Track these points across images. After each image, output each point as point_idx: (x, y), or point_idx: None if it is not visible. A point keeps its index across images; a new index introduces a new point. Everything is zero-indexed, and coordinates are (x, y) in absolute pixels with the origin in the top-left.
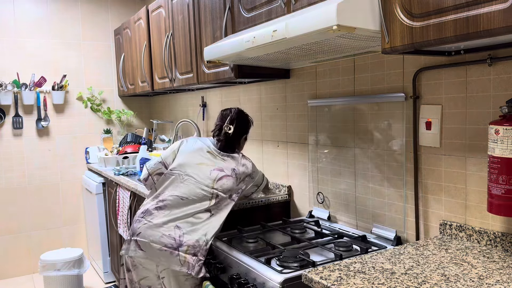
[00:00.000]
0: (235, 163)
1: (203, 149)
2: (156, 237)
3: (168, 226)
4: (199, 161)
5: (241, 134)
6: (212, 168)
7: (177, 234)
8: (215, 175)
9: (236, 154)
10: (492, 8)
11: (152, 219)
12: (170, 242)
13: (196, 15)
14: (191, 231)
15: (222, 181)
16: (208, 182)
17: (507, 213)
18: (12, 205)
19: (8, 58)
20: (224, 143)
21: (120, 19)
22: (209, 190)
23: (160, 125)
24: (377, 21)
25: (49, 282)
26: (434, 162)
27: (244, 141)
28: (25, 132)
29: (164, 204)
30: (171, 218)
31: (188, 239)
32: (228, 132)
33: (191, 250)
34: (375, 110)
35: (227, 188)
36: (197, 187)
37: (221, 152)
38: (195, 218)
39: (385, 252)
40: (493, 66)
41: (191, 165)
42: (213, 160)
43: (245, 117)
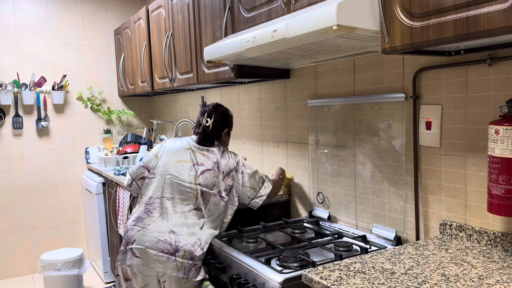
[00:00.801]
0: (215, 157)
1: (183, 147)
2: (152, 243)
3: (162, 231)
4: (179, 159)
5: (221, 128)
6: (191, 164)
7: (173, 239)
8: (196, 170)
9: (215, 148)
10: (492, 8)
11: (145, 225)
12: (167, 247)
13: (196, 15)
14: (187, 235)
15: (203, 176)
16: (191, 178)
17: (507, 213)
18: (12, 205)
19: (8, 58)
20: (202, 136)
21: (120, 19)
22: (192, 187)
23: (160, 125)
24: (377, 21)
25: (49, 282)
26: (434, 162)
27: (226, 136)
28: (25, 132)
29: (153, 207)
30: (163, 222)
31: (184, 244)
32: (206, 124)
33: (188, 255)
34: (375, 110)
35: (211, 182)
36: (180, 185)
37: (200, 147)
38: (188, 220)
39: (385, 252)
40: (493, 66)
41: (172, 164)
42: (193, 156)
43: (224, 110)
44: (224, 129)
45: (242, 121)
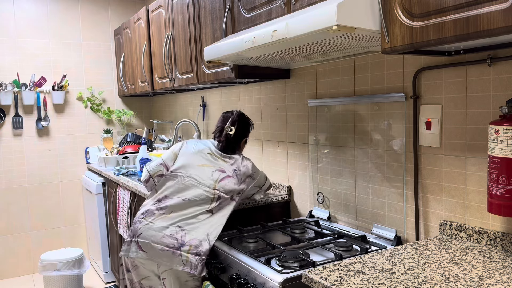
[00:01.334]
0: (236, 164)
1: (204, 151)
2: (158, 238)
3: (169, 226)
4: (201, 163)
5: (242, 136)
6: (213, 169)
7: (179, 234)
8: (217, 176)
9: (236, 156)
10: (492, 8)
11: (154, 220)
12: (172, 242)
13: (196, 15)
14: (193, 230)
15: (224, 182)
16: (210, 183)
17: (507, 213)
18: (12, 205)
19: (8, 58)
20: (225, 144)
21: (120, 19)
22: (211, 191)
23: (160, 125)
24: (377, 21)
25: (49, 282)
26: (434, 162)
27: (244, 144)
28: (25, 132)
29: (165, 205)
30: (173, 220)
31: (190, 239)
32: (230, 133)
33: (194, 250)
34: (375, 110)
35: (229, 189)
36: (200, 189)
37: (222, 154)
38: (196, 219)
39: (385, 252)
40: (493, 66)
41: (193, 167)
42: (214, 161)
43: (246, 120)
44: (244, 138)
45: None
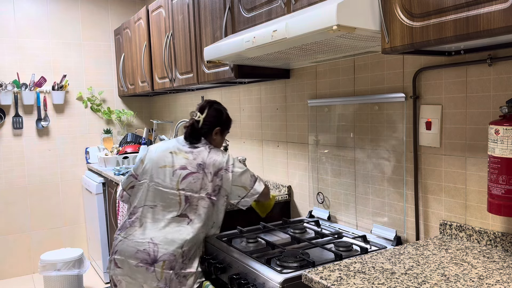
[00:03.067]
0: (200, 158)
1: (166, 151)
2: (132, 253)
3: (142, 241)
4: (161, 164)
5: (212, 125)
6: (174, 168)
7: (152, 249)
8: (178, 175)
9: (202, 147)
10: (492, 8)
11: (127, 235)
12: (145, 257)
13: (196, 15)
14: (167, 244)
15: (187, 180)
16: (173, 184)
17: (507, 213)
18: (12, 205)
19: (8, 58)
20: (190, 131)
21: (120, 19)
22: (175, 193)
23: (160, 125)
24: (377, 21)
25: (49, 282)
26: (434, 162)
27: (218, 135)
28: (25, 132)
29: (136, 217)
30: (145, 234)
31: (163, 253)
32: (196, 119)
33: (168, 265)
34: (375, 110)
35: (196, 185)
36: (163, 192)
37: (186, 148)
38: (170, 228)
39: (385, 252)
40: (493, 66)
41: (155, 170)
42: (175, 159)
43: (219, 107)
44: (216, 127)
45: (242, 121)
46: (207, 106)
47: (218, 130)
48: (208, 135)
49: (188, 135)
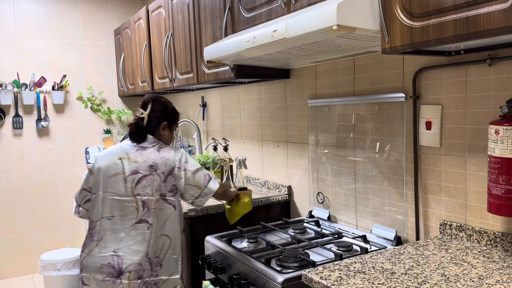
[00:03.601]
0: (151, 160)
1: (114, 158)
2: (96, 268)
3: (104, 254)
4: (112, 173)
5: (159, 120)
6: (126, 175)
7: (116, 261)
8: (131, 181)
9: (150, 147)
10: (492, 8)
11: (88, 251)
12: (110, 271)
13: (196, 15)
14: (131, 255)
15: (141, 184)
16: (128, 191)
17: (507, 213)
18: (12, 205)
19: (8, 58)
20: (134, 129)
21: (120, 19)
22: (131, 199)
23: None
24: (377, 21)
25: (49, 282)
26: (434, 162)
27: (166, 130)
28: (25, 132)
29: (94, 231)
30: (107, 248)
31: (128, 264)
32: (139, 116)
33: (134, 275)
34: (375, 110)
35: (151, 188)
36: (119, 201)
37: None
38: (131, 236)
39: (385, 252)
40: (493, 66)
41: (106, 180)
42: (125, 165)
43: (163, 101)
44: (163, 122)
45: (242, 121)
46: (150, 102)
47: (165, 125)
48: (155, 131)
49: (133, 134)
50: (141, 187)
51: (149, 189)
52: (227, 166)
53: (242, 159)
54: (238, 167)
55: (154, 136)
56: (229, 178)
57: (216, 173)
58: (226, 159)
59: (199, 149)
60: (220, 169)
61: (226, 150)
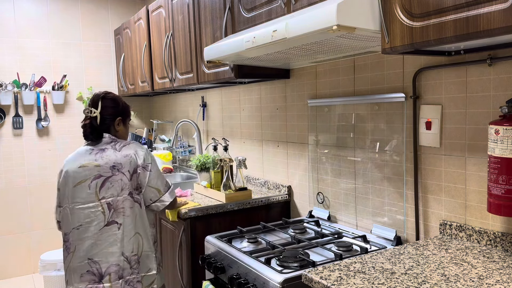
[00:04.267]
0: (113, 159)
1: (75, 167)
2: (78, 278)
3: (81, 264)
4: (76, 182)
5: (112, 117)
6: (89, 181)
7: (94, 267)
8: (95, 186)
9: (109, 148)
10: (492, 8)
11: (67, 264)
12: (92, 278)
13: (196, 15)
14: (106, 257)
15: (105, 186)
16: (92, 197)
17: (507, 213)
18: (12, 205)
19: (8, 58)
20: (89, 129)
21: (120, 19)
22: (96, 204)
23: (160, 125)
24: (377, 21)
25: (49, 282)
26: (434, 162)
27: (121, 126)
28: (25, 132)
29: (69, 243)
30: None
31: (106, 267)
32: (91, 116)
33: (115, 276)
34: (375, 110)
35: (116, 188)
36: (84, 209)
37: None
38: (101, 241)
39: (385, 252)
40: (493, 66)
41: (71, 191)
42: (87, 172)
43: (113, 96)
44: (116, 118)
45: (242, 121)
46: (99, 99)
47: (119, 120)
48: (110, 129)
49: (88, 134)
50: (105, 190)
51: (113, 190)
52: (227, 166)
53: (242, 159)
54: (238, 167)
55: (110, 133)
56: (229, 178)
57: (216, 173)
58: (226, 159)
59: (199, 149)
60: (220, 169)
61: (226, 150)
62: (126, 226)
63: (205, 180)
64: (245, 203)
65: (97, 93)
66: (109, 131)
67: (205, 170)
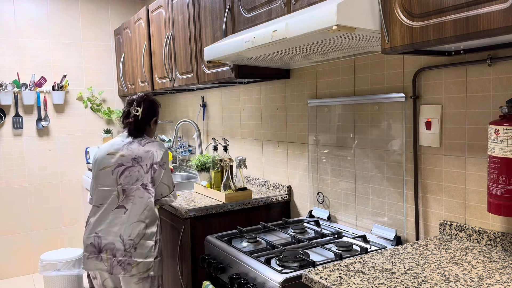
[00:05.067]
0: (135, 152)
1: (105, 153)
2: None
3: (90, 235)
4: (102, 166)
5: (150, 116)
6: (112, 168)
7: (96, 241)
8: (116, 173)
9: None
10: (492, 8)
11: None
12: (93, 250)
13: (196, 15)
14: (107, 234)
15: (124, 175)
16: (112, 182)
17: (507, 213)
18: (12, 205)
19: (8, 58)
20: (133, 126)
21: (120, 19)
22: (114, 188)
23: (160, 125)
24: (377, 21)
25: (49, 282)
26: (434, 162)
27: (154, 125)
28: (25, 132)
29: (89, 220)
30: (90, 230)
31: (105, 244)
32: (136, 114)
33: (110, 253)
34: (375, 110)
35: (132, 178)
36: (105, 191)
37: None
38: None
39: (385, 252)
40: (493, 66)
41: (98, 174)
42: (112, 160)
43: (152, 99)
44: (153, 117)
45: (242, 121)
46: (141, 101)
47: (154, 120)
48: (145, 127)
49: (132, 130)
50: (123, 177)
51: (130, 179)
52: (227, 166)
53: (242, 159)
54: (238, 167)
55: (145, 131)
56: (229, 178)
57: (216, 173)
58: (226, 159)
59: (199, 149)
60: (220, 169)
61: (226, 150)
62: (131, 212)
63: (205, 180)
64: (245, 203)
65: (140, 95)
66: (145, 129)
67: (205, 170)
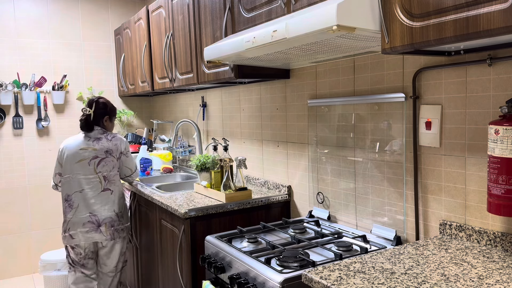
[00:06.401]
0: (106, 146)
1: (77, 149)
2: (80, 225)
3: (84, 216)
4: (77, 159)
5: (102, 115)
6: (89, 159)
7: (93, 219)
8: (93, 163)
9: (103, 138)
10: (492, 8)
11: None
12: (92, 225)
13: (196, 15)
14: (104, 211)
15: (101, 165)
16: (91, 171)
17: (507, 213)
18: (12, 205)
19: (8, 58)
20: (84, 123)
21: (120, 19)
22: (95, 176)
23: (160, 125)
24: (377, 21)
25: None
26: (434, 162)
27: (108, 122)
28: (25, 132)
29: (72, 201)
30: (83, 209)
31: (103, 218)
32: (87, 113)
33: (109, 225)
34: (375, 110)
35: (109, 166)
36: (87, 179)
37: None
38: (100, 201)
39: (385, 252)
40: (493, 66)
41: (74, 166)
42: (86, 153)
43: (104, 101)
44: (105, 116)
45: (242, 121)
46: (93, 102)
47: (107, 118)
48: (99, 123)
49: (83, 126)
50: (100, 167)
51: (107, 167)
52: (227, 166)
53: (242, 159)
54: (238, 167)
55: (99, 126)
56: (229, 178)
57: (216, 173)
58: (226, 159)
59: (199, 149)
60: (220, 169)
61: (226, 150)
62: (115, 192)
63: (205, 180)
64: (245, 203)
65: (92, 97)
66: (99, 125)
67: (205, 170)
